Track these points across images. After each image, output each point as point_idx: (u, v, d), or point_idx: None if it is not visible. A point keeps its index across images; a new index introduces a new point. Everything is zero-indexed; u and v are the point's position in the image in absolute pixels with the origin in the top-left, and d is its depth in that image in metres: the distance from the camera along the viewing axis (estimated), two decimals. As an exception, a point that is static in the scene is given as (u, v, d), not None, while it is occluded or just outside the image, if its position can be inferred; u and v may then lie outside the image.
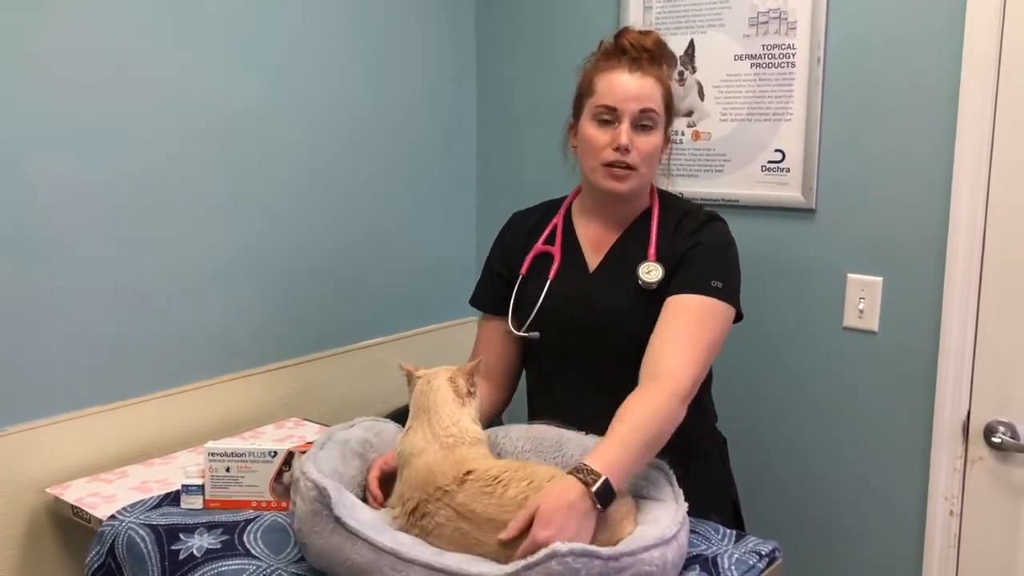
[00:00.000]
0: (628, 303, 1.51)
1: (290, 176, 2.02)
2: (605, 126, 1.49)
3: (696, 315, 1.43)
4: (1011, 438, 1.73)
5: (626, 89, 1.47)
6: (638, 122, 1.47)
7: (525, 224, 1.68)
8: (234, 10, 1.86)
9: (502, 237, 1.71)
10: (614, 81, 1.48)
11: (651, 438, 1.27)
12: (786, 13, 1.92)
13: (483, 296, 1.70)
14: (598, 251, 1.59)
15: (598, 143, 1.48)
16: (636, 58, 1.49)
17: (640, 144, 1.48)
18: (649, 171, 1.52)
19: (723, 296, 1.46)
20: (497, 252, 1.70)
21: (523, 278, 1.62)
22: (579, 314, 1.55)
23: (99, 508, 1.52)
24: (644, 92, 1.47)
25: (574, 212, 1.64)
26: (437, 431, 1.31)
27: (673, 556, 1.16)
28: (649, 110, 1.47)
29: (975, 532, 1.81)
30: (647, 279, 1.50)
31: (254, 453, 1.46)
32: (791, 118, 1.94)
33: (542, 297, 1.57)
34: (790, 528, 2.03)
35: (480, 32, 2.45)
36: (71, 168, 1.63)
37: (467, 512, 1.20)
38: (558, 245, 1.61)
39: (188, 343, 1.86)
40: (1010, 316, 1.72)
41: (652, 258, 1.52)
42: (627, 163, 1.47)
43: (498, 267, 1.67)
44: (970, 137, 1.72)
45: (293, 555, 1.31)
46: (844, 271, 1.91)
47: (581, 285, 1.57)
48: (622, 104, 1.46)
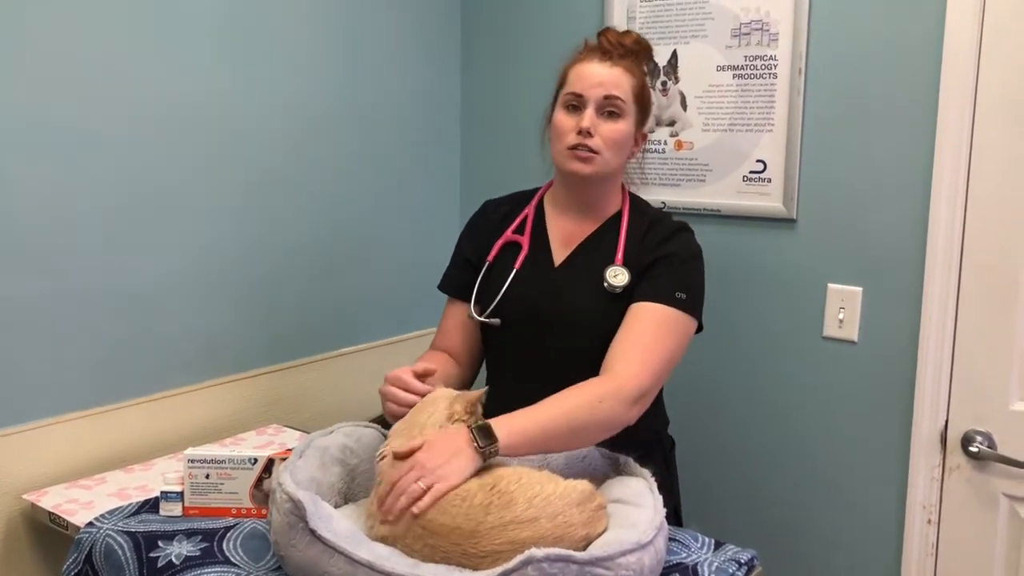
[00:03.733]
0: (590, 303, 1.53)
1: (272, 181, 2.01)
2: (573, 112, 1.53)
3: (656, 324, 1.46)
4: (988, 447, 1.75)
5: (593, 76, 1.51)
6: (603, 108, 1.51)
7: (498, 212, 1.70)
8: (218, 12, 1.86)
9: (473, 223, 1.73)
10: (582, 70, 1.53)
11: (569, 420, 1.31)
12: (768, 25, 1.93)
13: (451, 281, 1.71)
14: (566, 246, 1.60)
15: (564, 127, 1.53)
16: (608, 50, 1.54)
17: (604, 130, 1.51)
18: (615, 159, 1.54)
19: (686, 308, 1.48)
20: (467, 238, 1.72)
21: (489, 265, 1.63)
22: (541, 305, 1.57)
23: (77, 515, 1.51)
24: (610, 80, 1.51)
25: (546, 204, 1.66)
26: None
27: (650, 561, 1.16)
28: (614, 97, 1.51)
29: (953, 541, 1.82)
30: (613, 283, 1.52)
31: (234, 460, 1.45)
32: (772, 129, 1.95)
33: (506, 285, 1.59)
34: (768, 537, 2.04)
35: (465, 38, 2.46)
36: (49, 172, 1.62)
37: (435, 527, 1.18)
38: (527, 235, 1.63)
39: (168, 349, 1.85)
40: (988, 326, 1.74)
41: (619, 262, 1.54)
42: (589, 146, 1.50)
43: (467, 253, 1.69)
44: (949, 148, 1.74)
45: (272, 563, 1.30)
46: (824, 281, 1.92)
47: (545, 277, 1.59)
48: (587, 90, 1.50)
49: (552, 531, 1.17)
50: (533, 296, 1.58)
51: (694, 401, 2.12)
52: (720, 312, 2.06)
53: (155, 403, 1.83)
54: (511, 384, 1.57)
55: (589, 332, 1.51)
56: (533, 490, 1.20)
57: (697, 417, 2.12)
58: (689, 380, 2.11)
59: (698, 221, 2.07)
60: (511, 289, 1.58)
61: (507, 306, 1.59)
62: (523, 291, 1.58)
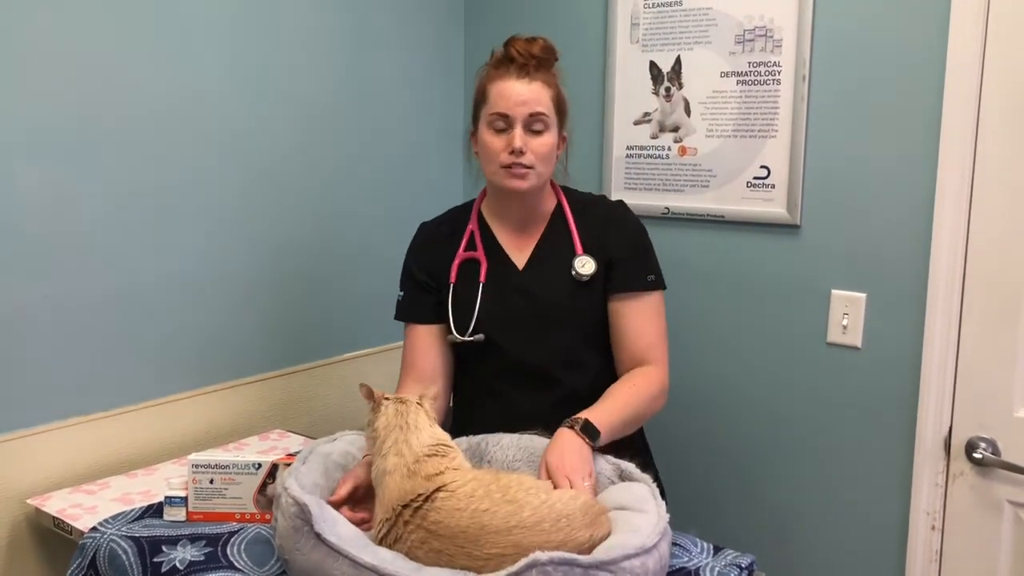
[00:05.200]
0: (563, 295, 1.59)
1: (276, 184, 2.02)
2: (500, 133, 1.55)
3: (656, 313, 1.62)
4: (992, 454, 1.75)
5: (516, 95, 1.54)
6: (530, 126, 1.54)
7: (440, 232, 1.70)
8: (217, 14, 1.86)
9: (417, 249, 1.71)
10: (504, 89, 1.55)
11: (637, 411, 1.52)
12: (772, 31, 1.94)
13: (414, 308, 1.68)
14: (522, 251, 1.64)
15: (495, 148, 1.55)
16: (524, 64, 1.56)
17: (534, 145, 1.54)
18: (546, 169, 1.58)
19: (658, 286, 1.63)
20: (416, 263, 1.69)
21: (453, 286, 1.63)
22: (520, 306, 1.60)
23: (81, 520, 1.51)
24: (532, 97, 1.54)
25: (486, 215, 1.68)
26: (416, 448, 1.30)
27: (654, 566, 1.16)
28: (539, 113, 1.54)
29: (956, 547, 1.82)
30: (582, 272, 1.59)
31: (238, 465, 1.45)
32: (776, 135, 1.95)
33: (479, 300, 1.60)
34: (771, 542, 2.03)
35: (468, 42, 2.46)
36: (49, 175, 1.63)
37: (440, 529, 1.19)
38: (480, 250, 1.64)
39: (172, 354, 1.85)
40: (992, 332, 1.74)
41: (581, 252, 1.60)
42: (523, 164, 1.54)
43: (421, 277, 1.67)
44: (953, 155, 1.74)
45: (276, 568, 1.31)
46: (828, 287, 1.92)
47: (515, 281, 1.62)
48: (513, 110, 1.53)
49: (555, 536, 1.17)
50: (508, 303, 1.60)
51: (697, 406, 2.12)
52: (724, 318, 2.07)
53: (158, 408, 1.83)
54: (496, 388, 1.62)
55: (565, 323, 1.60)
56: (539, 497, 1.21)
57: (699, 422, 2.12)
58: (692, 385, 2.11)
59: (702, 227, 2.08)
60: (484, 303, 1.60)
61: (485, 320, 1.60)
62: (497, 302, 1.60)
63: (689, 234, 2.11)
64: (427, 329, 1.66)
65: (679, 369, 2.12)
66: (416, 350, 1.67)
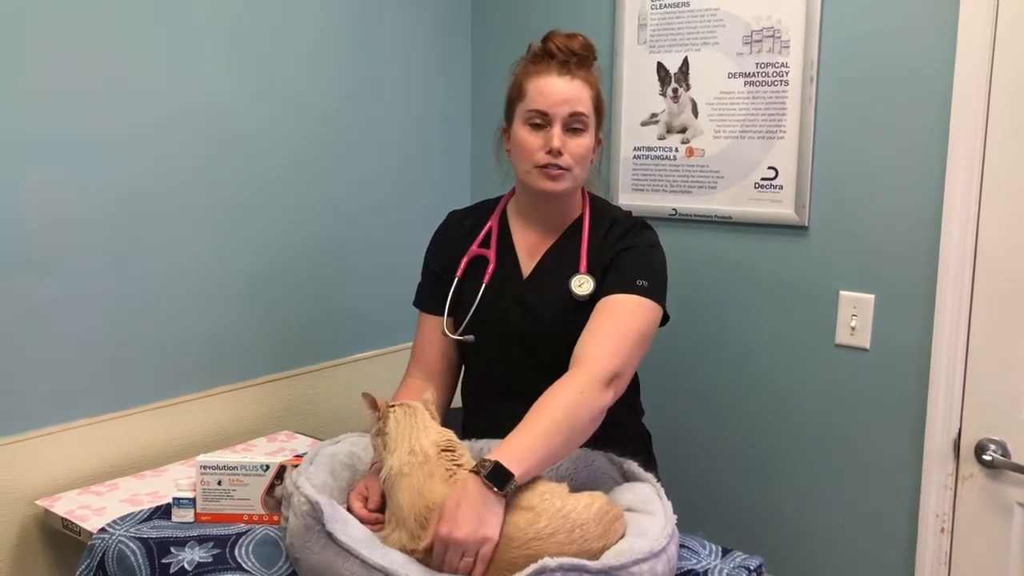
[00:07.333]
0: (558, 314, 1.54)
1: (283, 185, 2.02)
2: (537, 130, 1.51)
3: (620, 310, 1.46)
4: (1002, 456, 1.74)
5: (556, 93, 1.49)
6: (569, 125, 1.50)
7: (463, 225, 1.68)
8: (221, 17, 1.86)
9: (438, 237, 1.72)
10: (544, 85, 1.50)
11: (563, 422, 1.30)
12: (779, 32, 1.93)
13: (425, 296, 1.69)
14: (532, 256, 1.61)
15: (531, 146, 1.51)
16: (565, 61, 1.52)
17: (572, 146, 1.50)
18: (582, 172, 1.54)
19: (647, 294, 1.48)
20: (433, 252, 1.71)
21: (459, 281, 1.63)
22: (514, 318, 1.57)
23: (89, 521, 1.52)
24: (574, 95, 1.50)
25: (510, 214, 1.66)
26: (427, 447, 1.30)
27: (663, 569, 1.16)
28: (579, 113, 1.50)
29: (966, 550, 1.81)
30: (579, 292, 1.52)
31: (246, 466, 1.45)
32: (784, 136, 1.95)
33: (477, 301, 1.58)
34: (780, 544, 2.03)
35: (476, 44, 2.47)
36: (54, 177, 1.63)
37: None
38: (493, 249, 1.62)
39: (180, 355, 1.85)
40: (1001, 334, 1.73)
41: (584, 270, 1.54)
42: (560, 165, 1.50)
43: (435, 267, 1.68)
44: (961, 156, 1.73)
45: (284, 569, 1.31)
46: (836, 288, 1.92)
47: (515, 291, 1.59)
48: (553, 108, 1.49)
49: (569, 548, 1.17)
50: (504, 311, 1.58)
51: (705, 407, 2.11)
52: (731, 319, 2.06)
53: (167, 410, 1.83)
54: (490, 399, 1.61)
55: (559, 343, 1.48)
56: (555, 505, 1.21)
57: (708, 423, 2.12)
58: (700, 387, 2.11)
59: (709, 228, 2.08)
60: (482, 305, 1.58)
61: (479, 323, 1.59)
62: (494, 307, 1.58)
63: (696, 235, 2.10)
64: (437, 320, 1.65)
65: (687, 370, 2.13)
66: (424, 340, 1.67)
